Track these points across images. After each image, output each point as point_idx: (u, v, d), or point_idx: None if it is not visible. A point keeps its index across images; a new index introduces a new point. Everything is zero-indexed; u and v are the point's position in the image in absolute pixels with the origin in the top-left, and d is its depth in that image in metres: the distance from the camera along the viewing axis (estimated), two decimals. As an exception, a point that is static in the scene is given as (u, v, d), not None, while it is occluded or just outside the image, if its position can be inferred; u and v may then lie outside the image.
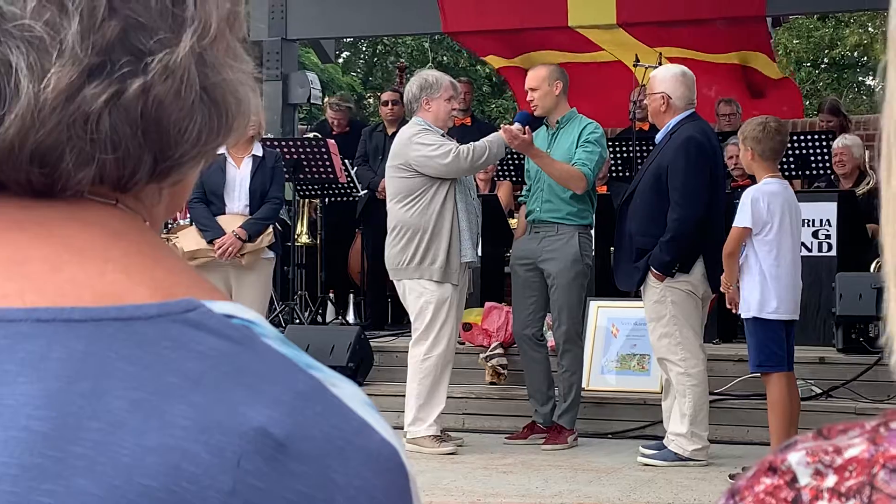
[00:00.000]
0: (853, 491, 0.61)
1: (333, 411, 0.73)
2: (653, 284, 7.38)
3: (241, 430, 0.69)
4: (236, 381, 0.71)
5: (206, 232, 8.14)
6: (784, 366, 6.93)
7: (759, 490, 0.65)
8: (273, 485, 0.69)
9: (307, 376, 0.74)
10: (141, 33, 0.76)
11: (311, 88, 12.43)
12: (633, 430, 8.48)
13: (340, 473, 0.71)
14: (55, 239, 0.76)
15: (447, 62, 24.86)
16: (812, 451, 0.64)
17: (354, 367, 9.24)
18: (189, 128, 0.79)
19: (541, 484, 6.92)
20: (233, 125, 0.82)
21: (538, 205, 8.04)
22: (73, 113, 0.75)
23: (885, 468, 0.61)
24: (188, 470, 0.67)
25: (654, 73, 7.85)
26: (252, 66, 0.85)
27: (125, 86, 0.75)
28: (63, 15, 0.75)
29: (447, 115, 8.07)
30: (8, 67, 0.74)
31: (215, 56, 0.80)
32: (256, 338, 0.74)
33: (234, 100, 0.81)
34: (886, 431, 0.63)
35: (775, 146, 6.91)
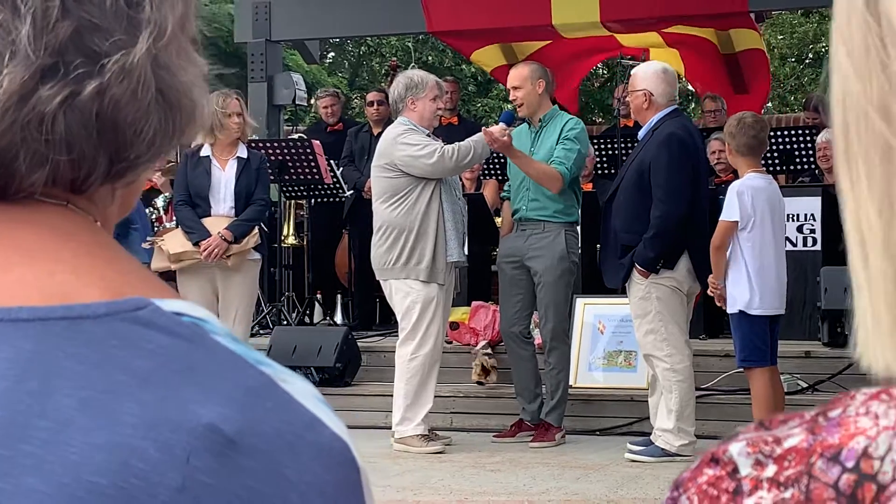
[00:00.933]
0: (792, 480, 0.62)
1: (284, 407, 0.73)
2: (638, 281, 7.39)
3: (190, 427, 0.69)
4: (186, 379, 0.71)
5: (191, 234, 8.13)
6: (767, 360, 6.96)
7: (702, 481, 0.66)
8: (223, 481, 0.69)
9: (257, 372, 0.74)
10: (96, 35, 0.77)
11: (296, 89, 12.42)
12: (620, 426, 8.50)
13: (291, 469, 0.71)
14: (4, 241, 0.76)
15: (432, 62, 24.84)
16: (753, 441, 0.65)
17: (342, 367, 9.25)
18: (145, 129, 0.79)
19: (528, 481, 6.93)
20: (188, 125, 0.83)
21: (524, 203, 8.06)
22: (28, 114, 0.75)
23: (823, 457, 0.62)
24: (137, 467, 0.68)
25: (636, 70, 7.87)
26: (205, 68, 0.85)
27: (81, 87, 0.76)
28: (15, 16, 0.75)
29: (432, 115, 8.08)
30: None
31: (170, 58, 0.81)
32: (206, 335, 0.75)
33: (188, 101, 0.82)
34: (825, 421, 0.64)
35: (749, 141, 6.94)
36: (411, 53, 21.78)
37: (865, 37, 0.64)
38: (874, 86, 0.63)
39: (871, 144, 0.63)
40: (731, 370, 8.42)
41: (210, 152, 8.24)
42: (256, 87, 12.32)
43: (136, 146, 0.80)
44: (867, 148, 0.64)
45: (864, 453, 0.61)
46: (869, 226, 0.63)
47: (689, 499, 0.66)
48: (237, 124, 8.19)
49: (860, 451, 0.61)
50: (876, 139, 0.63)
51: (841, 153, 0.67)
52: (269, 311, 10.59)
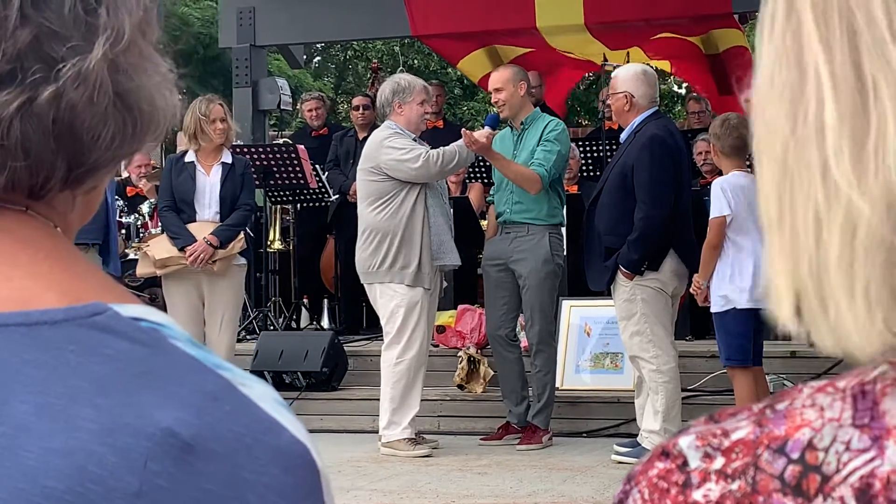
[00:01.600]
0: (739, 472, 0.63)
1: (242, 410, 0.73)
2: (622, 283, 7.40)
3: (148, 432, 0.69)
4: (144, 384, 0.71)
5: (176, 239, 8.12)
6: (750, 360, 6.98)
7: (653, 474, 0.66)
8: (180, 485, 0.69)
9: (216, 376, 0.74)
10: (53, 41, 0.77)
11: (281, 94, 12.42)
12: (607, 428, 8.51)
13: (249, 471, 0.71)
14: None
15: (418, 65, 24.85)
16: (702, 434, 0.66)
17: (329, 372, 9.24)
18: (103, 134, 0.79)
19: (515, 484, 6.94)
20: (148, 130, 0.83)
21: (508, 206, 8.07)
22: None
23: (769, 449, 0.63)
24: (94, 472, 0.68)
25: (616, 73, 7.89)
26: (168, 70, 0.85)
27: (37, 93, 0.76)
28: None
29: (419, 119, 8.09)
30: None
31: (129, 62, 0.80)
32: (164, 340, 0.75)
33: (148, 105, 0.82)
34: (772, 413, 0.65)
35: (734, 142, 6.96)
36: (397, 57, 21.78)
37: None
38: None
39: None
40: (716, 371, 8.43)
41: (195, 158, 8.24)
42: (241, 93, 12.32)
43: (94, 151, 0.80)
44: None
45: (808, 444, 0.62)
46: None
47: (640, 491, 0.67)
48: (221, 130, 8.18)
49: (805, 443, 0.62)
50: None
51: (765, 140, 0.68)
52: (256, 317, 10.58)
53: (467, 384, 9.02)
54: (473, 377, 9.04)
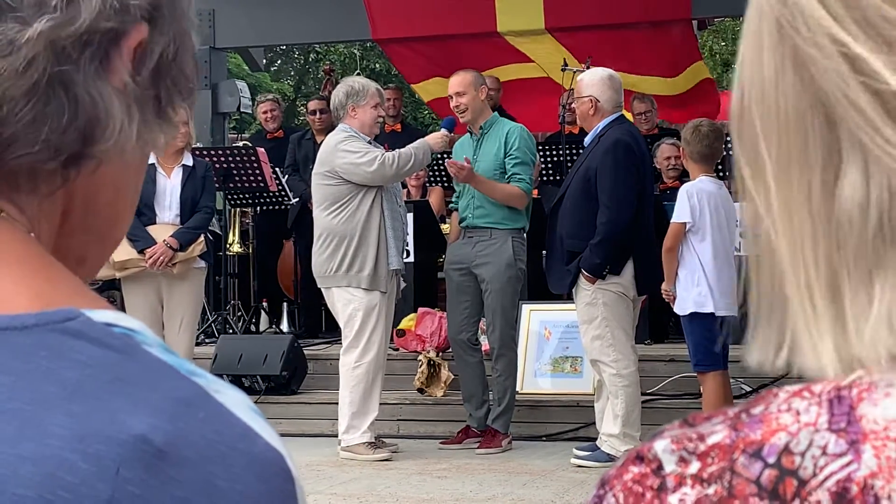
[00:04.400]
0: (715, 476, 0.63)
1: (216, 417, 0.72)
2: (584, 287, 7.42)
3: (120, 439, 0.68)
4: (116, 390, 0.70)
5: (136, 242, 8.07)
6: (720, 364, 7.02)
7: (627, 478, 0.66)
8: (153, 492, 0.68)
9: (189, 383, 0.73)
10: (4, 8, 0.77)
11: (241, 97, 12.38)
12: (566, 432, 8.53)
13: (223, 479, 0.70)
14: None
15: (380, 69, 24.85)
16: (677, 438, 0.65)
17: (288, 375, 9.22)
18: (23, 109, 0.77)
19: (475, 487, 6.94)
20: (91, 133, 0.81)
21: (470, 210, 8.08)
22: None
23: (745, 453, 0.63)
24: (65, 479, 0.67)
25: (582, 76, 7.91)
26: (134, 90, 0.84)
27: None
28: None
29: (373, 122, 8.08)
30: None
31: (80, 53, 0.79)
32: (138, 346, 0.74)
33: (92, 106, 0.80)
34: (747, 418, 0.64)
35: (703, 150, 7.01)
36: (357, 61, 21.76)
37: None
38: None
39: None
40: (675, 375, 8.47)
41: (155, 160, 8.20)
42: (201, 95, 12.26)
43: (9, 125, 0.78)
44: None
45: (785, 449, 0.62)
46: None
47: (614, 496, 0.66)
48: (183, 133, 8.15)
49: (781, 447, 0.62)
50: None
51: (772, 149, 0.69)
52: (215, 320, 10.54)
53: (427, 388, 9.02)
54: (433, 381, 9.04)
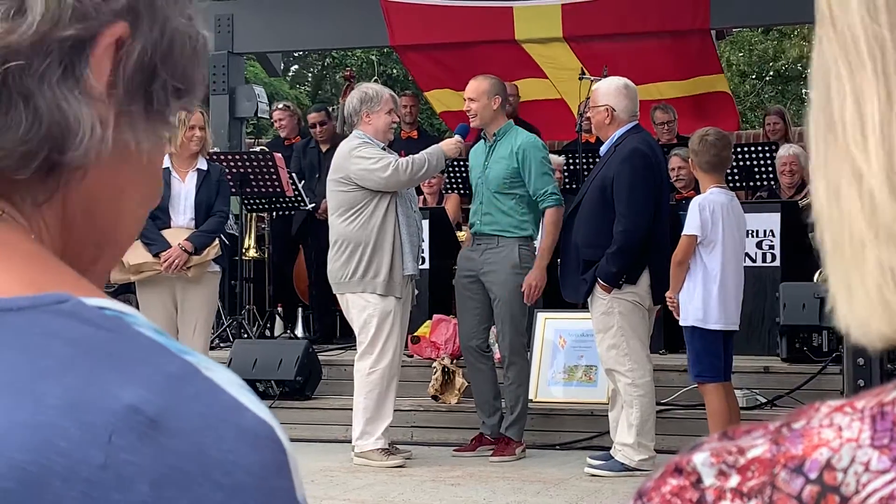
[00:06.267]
0: (755, 491, 0.62)
1: (206, 392, 0.74)
2: (600, 296, 7.41)
3: (112, 408, 0.70)
4: (108, 365, 0.72)
5: (151, 245, 8.08)
6: (721, 376, 7.00)
7: (666, 491, 0.66)
8: (145, 459, 0.70)
9: (180, 360, 0.75)
10: None
11: (258, 102, 12.40)
12: (580, 440, 8.51)
13: (215, 449, 0.71)
14: None
15: (397, 74, 24.86)
16: (716, 451, 0.65)
17: (303, 381, 9.22)
18: None
19: (488, 495, 6.93)
20: (52, 141, 0.81)
21: (478, 217, 8.08)
22: None
23: (786, 468, 0.62)
24: (59, 445, 0.69)
25: (597, 85, 7.90)
26: (106, 101, 0.84)
27: None
28: None
29: (387, 129, 8.09)
30: None
31: (42, 65, 0.80)
32: (129, 326, 0.76)
33: (54, 117, 0.81)
34: (788, 432, 0.64)
35: (711, 159, 6.99)
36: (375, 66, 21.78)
37: None
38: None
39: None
40: (690, 385, 8.44)
41: (170, 164, 8.21)
42: (218, 100, 12.28)
43: None
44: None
45: (827, 465, 0.61)
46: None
47: (652, 508, 0.66)
48: (199, 137, 8.16)
49: (823, 463, 0.62)
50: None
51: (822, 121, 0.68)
52: (230, 324, 10.55)
53: (441, 395, 9.01)
54: (448, 388, 9.03)
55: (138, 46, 0.85)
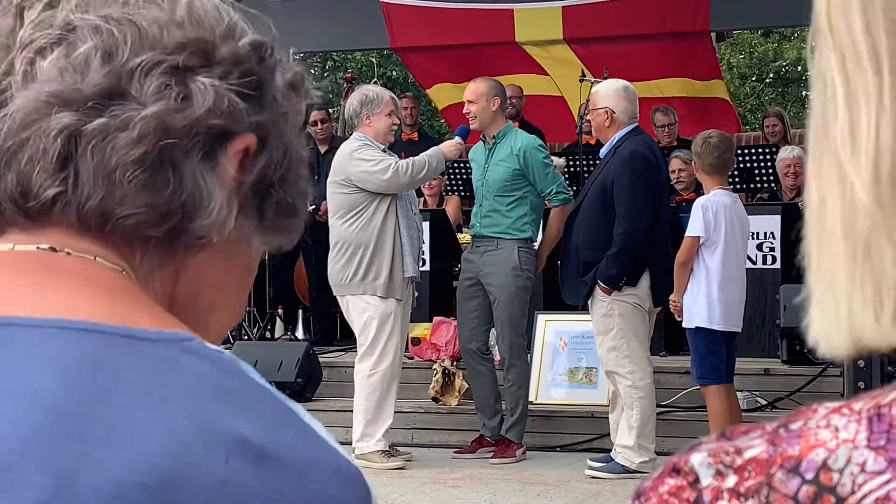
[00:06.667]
0: (752, 491, 0.63)
1: (305, 433, 0.85)
2: (600, 298, 7.41)
3: (228, 434, 0.81)
4: (223, 399, 0.84)
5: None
6: (723, 378, 7.00)
7: (663, 491, 0.66)
8: (257, 482, 0.80)
9: (282, 404, 0.86)
10: (132, 87, 0.95)
11: (259, 104, 12.37)
12: (580, 443, 8.51)
13: (316, 482, 0.81)
14: (44, 276, 0.92)
15: (396, 76, 24.88)
16: (714, 452, 0.65)
17: (303, 382, 9.22)
18: (132, 178, 0.94)
19: (489, 497, 6.93)
20: (189, 211, 0.96)
21: (478, 219, 8.09)
22: (37, 130, 0.94)
23: (783, 468, 0.63)
24: (189, 458, 0.79)
25: (597, 88, 7.90)
26: (233, 198, 0.99)
27: (90, 119, 0.93)
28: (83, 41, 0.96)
29: (388, 131, 8.08)
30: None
31: (184, 140, 0.95)
32: (241, 369, 0.88)
33: (192, 186, 0.96)
34: (785, 433, 0.64)
35: (714, 161, 6.99)
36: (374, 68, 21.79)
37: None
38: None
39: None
40: (690, 387, 8.44)
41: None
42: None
43: (120, 188, 0.94)
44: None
45: (823, 465, 0.62)
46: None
47: (650, 508, 0.66)
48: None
49: (819, 463, 0.62)
50: None
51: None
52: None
53: (442, 397, 9.01)
54: (448, 390, 9.03)
55: (262, 161, 1.02)
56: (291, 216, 1.06)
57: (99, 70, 0.94)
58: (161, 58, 0.96)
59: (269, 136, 1.02)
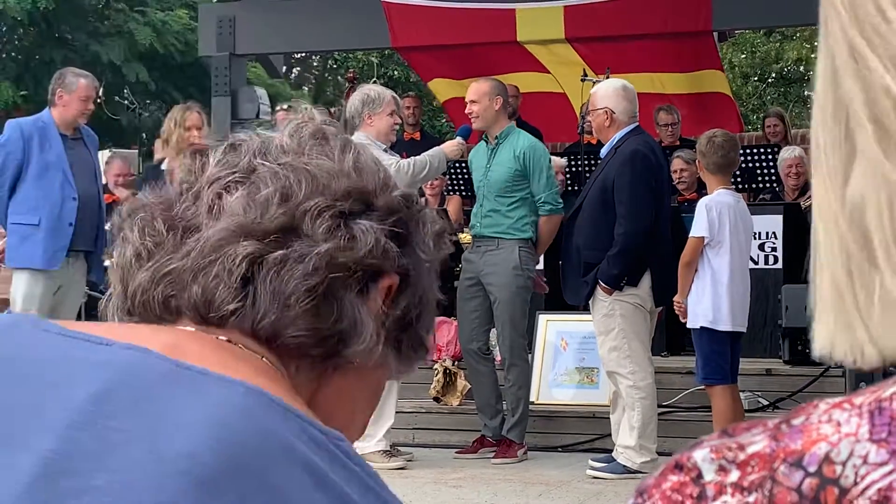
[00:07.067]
0: (755, 485, 0.63)
1: None
2: (601, 298, 7.41)
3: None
4: (363, 493, 0.95)
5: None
6: (728, 378, 7.00)
7: (666, 487, 0.66)
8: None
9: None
10: (310, 225, 1.12)
11: (260, 104, 12.40)
12: (582, 443, 8.51)
13: None
14: (246, 362, 1.08)
15: (398, 76, 24.88)
16: (716, 447, 0.66)
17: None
18: (298, 302, 1.09)
19: (490, 498, 6.93)
20: (345, 338, 1.11)
21: (478, 219, 8.08)
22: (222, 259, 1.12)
23: (786, 462, 0.63)
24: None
25: (595, 89, 7.89)
26: (382, 332, 1.17)
27: (270, 250, 1.10)
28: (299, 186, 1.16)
29: (389, 130, 8.08)
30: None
31: (351, 277, 1.12)
32: (381, 482, 0.99)
33: (349, 319, 1.11)
34: (787, 428, 0.65)
35: (719, 161, 6.99)
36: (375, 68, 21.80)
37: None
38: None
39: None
40: (692, 387, 8.45)
41: (168, 165, 8.21)
42: (220, 102, 12.28)
43: (291, 309, 1.09)
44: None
45: (826, 458, 0.62)
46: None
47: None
48: (196, 138, 8.16)
49: (822, 457, 0.62)
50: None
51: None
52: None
53: (443, 397, 9.01)
54: (449, 390, 9.03)
55: (405, 300, 1.18)
56: (421, 348, 1.22)
57: (277, 209, 1.11)
58: (330, 202, 1.13)
59: (410, 277, 1.18)
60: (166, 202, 1.16)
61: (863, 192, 0.63)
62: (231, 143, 1.20)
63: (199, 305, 1.10)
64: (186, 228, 1.13)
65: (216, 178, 1.15)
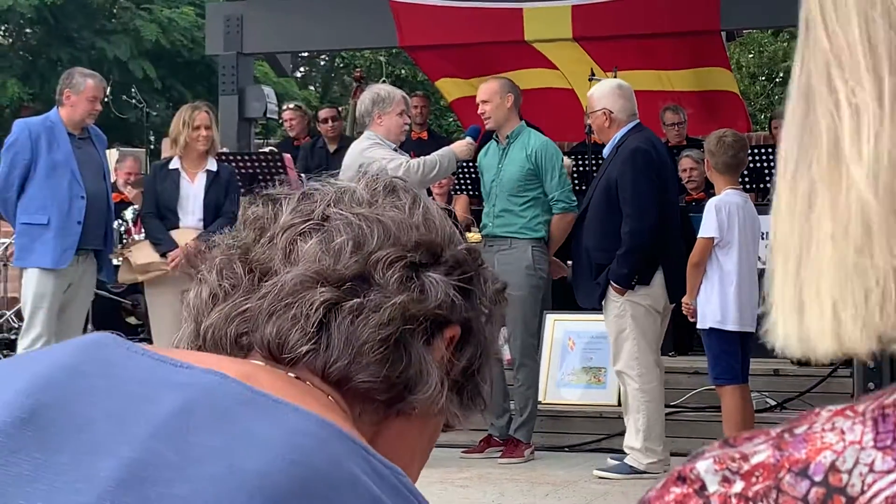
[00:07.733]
0: (760, 495, 0.62)
1: None
2: (613, 299, 7.38)
3: None
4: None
5: (159, 245, 8.11)
6: (739, 378, 6.98)
7: (669, 499, 0.65)
8: None
9: None
10: (384, 273, 1.17)
11: (268, 103, 12.40)
12: (589, 443, 8.50)
13: None
14: (316, 398, 1.12)
15: (405, 75, 24.88)
16: (719, 458, 0.65)
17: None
18: (371, 350, 1.13)
19: (497, 498, 6.92)
20: (412, 387, 1.16)
21: (490, 219, 8.07)
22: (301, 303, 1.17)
23: (791, 472, 0.62)
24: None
25: (591, 92, 7.88)
26: (444, 380, 1.21)
27: (348, 299, 1.15)
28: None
29: (399, 130, 8.07)
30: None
31: (419, 327, 1.16)
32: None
33: (418, 369, 1.16)
34: (791, 437, 0.64)
35: (728, 160, 6.97)
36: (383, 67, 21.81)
37: None
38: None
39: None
40: (700, 387, 8.44)
41: (179, 165, 8.22)
42: (227, 100, 12.27)
43: (364, 356, 1.13)
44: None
45: (831, 467, 0.61)
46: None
47: (656, 516, 0.65)
48: (205, 137, 8.17)
49: (828, 465, 0.61)
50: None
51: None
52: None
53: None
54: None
55: (468, 353, 1.22)
56: (479, 399, 1.27)
57: (350, 257, 1.16)
58: (401, 253, 1.18)
59: (472, 329, 1.22)
60: (244, 246, 1.21)
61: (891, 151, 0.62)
62: (305, 191, 1.25)
63: (273, 346, 1.15)
64: (263, 272, 1.18)
65: (290, 224, 1.20)
